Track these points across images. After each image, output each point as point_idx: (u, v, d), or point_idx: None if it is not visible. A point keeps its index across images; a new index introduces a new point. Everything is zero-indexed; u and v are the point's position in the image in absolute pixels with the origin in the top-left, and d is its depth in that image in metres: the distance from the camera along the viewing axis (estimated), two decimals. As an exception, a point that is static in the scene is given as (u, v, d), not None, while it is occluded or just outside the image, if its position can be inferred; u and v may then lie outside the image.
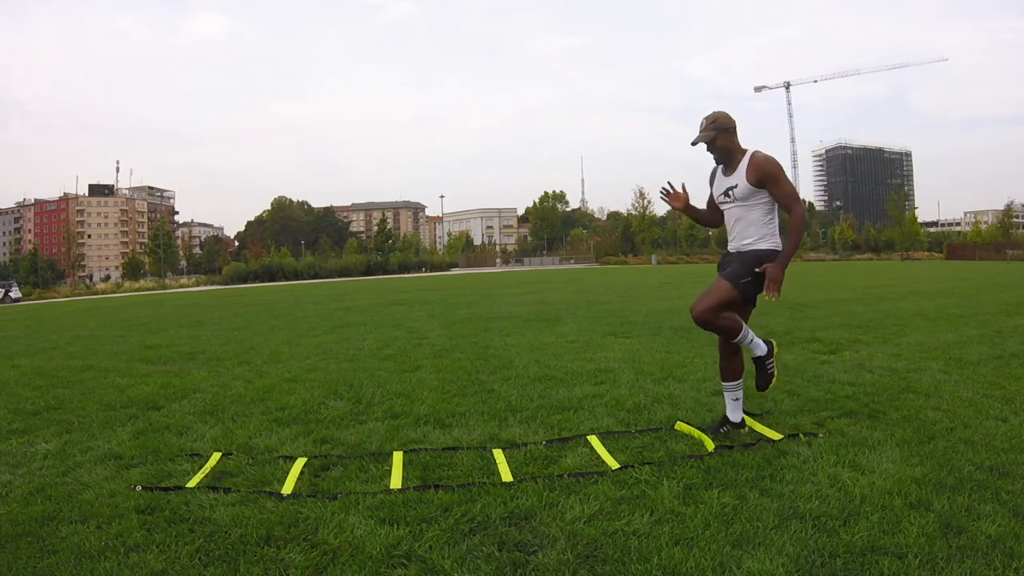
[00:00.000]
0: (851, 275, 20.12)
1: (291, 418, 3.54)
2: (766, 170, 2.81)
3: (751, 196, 2.87)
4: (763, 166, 2.82)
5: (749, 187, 2.85)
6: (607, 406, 3.55)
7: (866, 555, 1.80)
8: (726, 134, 2.89)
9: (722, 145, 2.91)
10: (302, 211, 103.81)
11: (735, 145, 2.92)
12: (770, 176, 2.81)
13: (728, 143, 2.90)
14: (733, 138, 2.91)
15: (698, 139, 2.93)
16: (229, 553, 1.94)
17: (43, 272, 61.58)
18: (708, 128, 2.90)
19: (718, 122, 2.89)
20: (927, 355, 4.85)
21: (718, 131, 2.88)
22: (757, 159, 2.84)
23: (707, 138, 2.91)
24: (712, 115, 2.92)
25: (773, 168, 2.81)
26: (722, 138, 2.89)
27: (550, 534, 2.01)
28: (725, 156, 2.94)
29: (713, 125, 2.89)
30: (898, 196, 71.94)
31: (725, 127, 2.88)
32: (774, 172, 2.81)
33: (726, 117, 2.92)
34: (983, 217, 78.05)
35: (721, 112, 2.93)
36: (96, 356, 6.56)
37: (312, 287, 26.71)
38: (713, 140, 2.90)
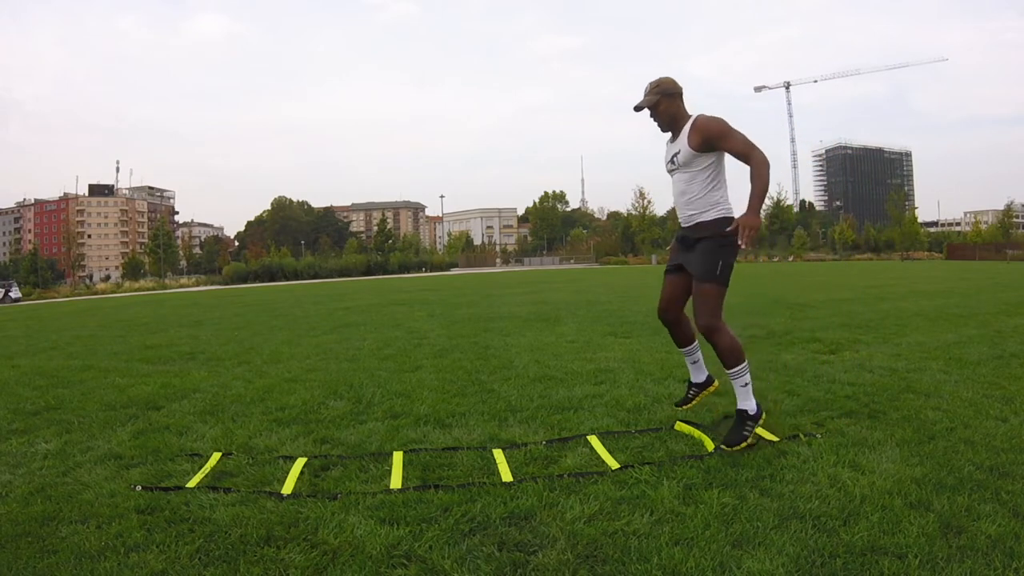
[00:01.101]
0: (851, 275, 20.11)
1: (291, 418, 3.54)
2: (710, 129, 2.64)
3: (693, 161, 2.70)
4: (706, 125, 2.65)
5: (691, 152, 2.69)
6: (607, 406, 3.55)
7: (866, 555, 1.80)
8: (670, 99, 2.73)
9: (665, 110, 2.74)
10: (302, 211, 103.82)
11: (680, 111, 2.76)
12: (715, 134, 2.64)
13: (672, 108, 2.74)
14: (678, 104, 2.75)
15: (641, 103, 2.77)
16: (229, 553, 1.94)
17: (43, 272, 61.59)
18: (651, 92, 2.74)
19: (661, 86, 2.73)
20: (927, 355, 4.85)
21: (661, 95, 2.72)
22: (699, 121, 2.68)
23: (650, 103, 2.74)
24: (656, 80, 2.76)
25: (717, 125, 2.64)
26: (665, 103, 2.73)
27: (550, 534, 2.01)
28: (669, 123, 2.78)
29: (657, 89, 2.73)
30: (898, 196, 71.87)
31: (669, 91, 2.73)
32: (719, 128, 2.64)
33: (670, 82, 2.76)
34: (983, 217, 78.04)
35: (666, 77, 2.77)
36: (96, 356, 6.56)
37: (312, 287, 26.71)
38: (656, 105, 2.74)
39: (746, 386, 2.64)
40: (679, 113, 2.76)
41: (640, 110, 2.79)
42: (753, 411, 2.64)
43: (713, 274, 2.68)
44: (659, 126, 2.82)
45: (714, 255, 2.68)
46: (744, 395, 2.65)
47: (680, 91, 2.75)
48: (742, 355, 2.66)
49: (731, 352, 2.65)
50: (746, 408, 2.65)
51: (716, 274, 2.68)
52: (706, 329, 2.69)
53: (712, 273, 2.68)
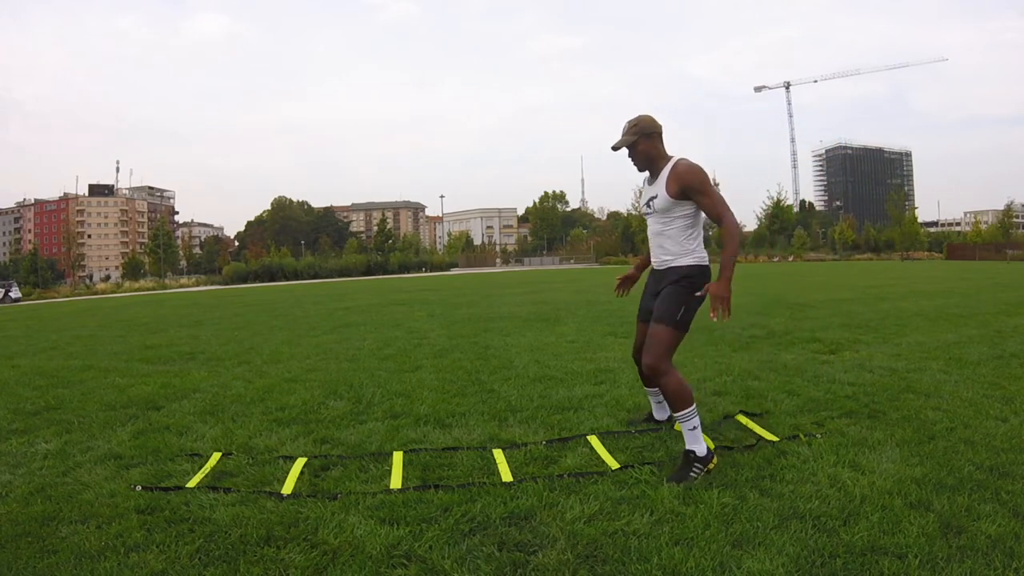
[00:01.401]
0: (851, 275, 20.11)
1: (291, 418, 3.54)
2: (689, 180, 2.59)
3: (671, 209, 2.66)
4: (685, 176, 2.60)
5: (668, 199, 2.63)
6: (607, 406, 3.55)
7: (866, 555, 1.81)
8: (648, 139, 2.68)
9: (643, 151, 2.69)
10: (302, 211, 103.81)
11: (658, 152, 2.70)
12: (693, 186, 2.59)
13: (650, 149, 2.69)
14: (657, 144, 2.70)
15: (619, 143, 2.72)
16: (229, 553, 1.95)
17: (43, 272, 61.57)
18: (630, 132, 2.69)
19: (640, 125, 2.68)
20: (927, 355, 4.85)
21: (640, 135, 2.67)
22: (679, 168, 2.63)
23: (628, 142, 2.69)
24: (635, 118, 2.72)
25: (697, 177, 2.59)
26: (644, 143, 2.68)
27: (550, 534, 2.01)
28: (646, 163, 2.72)
29: (635, 129, 2.68)
30: (898, 196, 71.82)
31: (648, 131, 2.68)
32: (698, 182, 2.59)
33: (649, 120, 2.71)
34: (983, 217, 78.03)
35: (645, 115, 2.73)
36: (96, 356, 6.56)
37: (312, 287, 26.71)
38: (634, 145, 2.69)
39: (694, 430, 2.53)
40: (657, 153, 2.70)
41: (617, 149, 2.74)
42: (702, 453, 2.51)
43: (673, 318, 2.62)
44: (636, 166, 2.76)
45: (678, 300, 2.63)
46: (692, 439, 2.52)
47: (659, 130, 2.71)
48: (690, 399, 2.55)
49: (678, 396, 2.54)
50: (694, 449, 2.52)
51: (676, 319, 2.62)
52: (652, 369, 2.60)
53: (672, 317, 2.62)
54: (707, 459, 2.49)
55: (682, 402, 2.53)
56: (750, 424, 3.08)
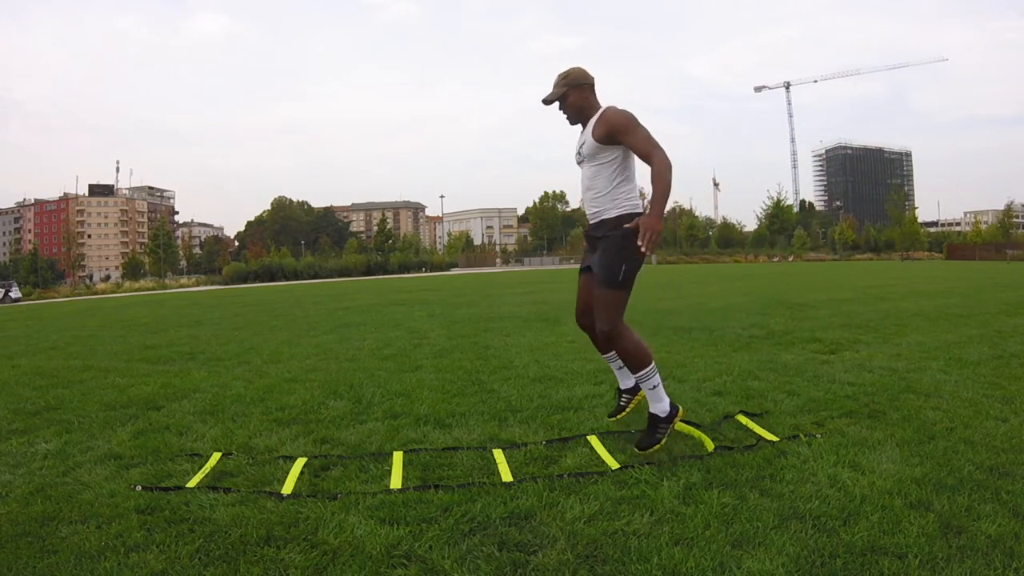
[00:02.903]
0: (851, 275, 20.11)
1: (291, 418, 3.54)
2: (614, 122, 2.51)
3: (598, 154, 2.58)
4: (611, 118, 2.52)
5: (595, 144, 2.56)
6: (607, 406, 3.54)
7: (866, 555, 1.80)
8: (579, 90, 2.60)
9: (574, 102, 2.62)
10: (302, 211, 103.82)
11: (589, 103, 2.62)
12: (618, 127, 2.50)
13: (581, 100, 2.61)
14: (587, 95, 2.62)
15: (548, 96, 2.64)
16: (229, 553, 1.94)
17: (43, 272, 61.57)
18: (559, 84, 2.61)
19: (570, 77, 2.61)
20: (927, 355, 4.85)
21: (569, 87, 2.60)
22: (607, 112, 2.56)
23: (557, 95, 2.62)
24: (565, 71, 2.64)
25: (622, 118, 2.50)
26: (574, 95, 2.60)
27: (550, 534, 2.01)
28: (579, 115, 2.66)
29: (565, 81, 2.61)
30: (898, 196, 71.88)
31: (577, 82, 2.60)
32: (623, 122, 2.50)
33: (580, 72, 2.63)
34: (983, 217, 78.05)
35: (576, 67, 2.65)
36: (96, 356, 6.55)
37: (312, 287, 26.70)
38: (564, 97, 2.61)
39: (655, 388, 2.51)
40: (588, 104, 2.63)
41: (549, 103, 2.66)
42: (664, 413, 2.51)
43: (615, 279, 2.55)
44: (568, 119, 2.69)
45: (616, 258, 2.55)
46: (654, 397, 2.52)
47: (590, 82, 2.63)
48: (648, 357, 2.53)
49: (634, 356, 2.52)
50: (656, 412, 2.52)
51: (618, 280, 2.55)
52: (606, 335, 2.57)
53: (614, 278, 2.55)
54: (670, 417, 2.51)
55: (639, 362, 2.51)
56: (750, 424, 3.07)
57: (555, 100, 2.65)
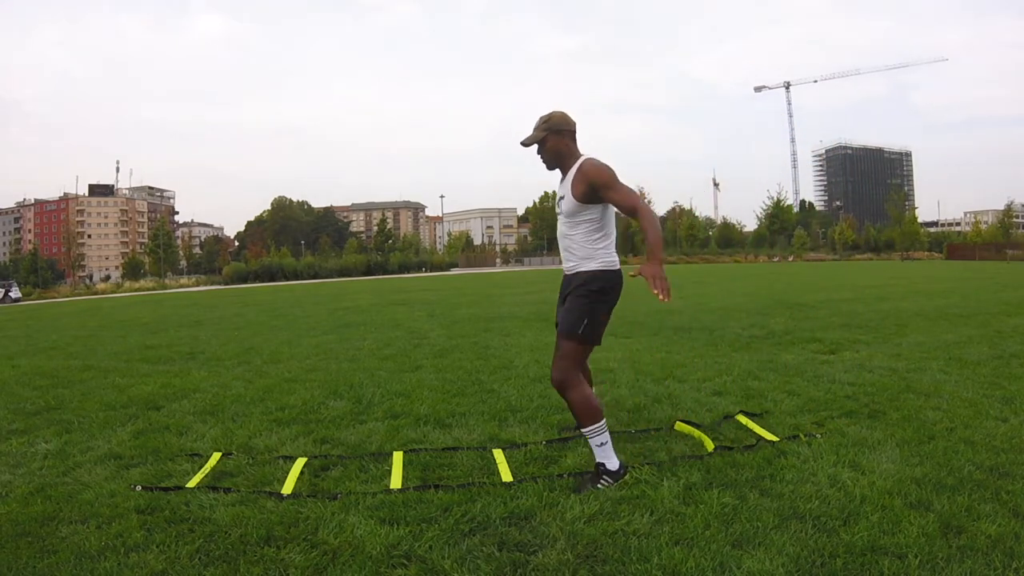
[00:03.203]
0: (851, 275, 20.11)
1: (291, 418, 3.54)
2: (594, 179, 2.47)
3: (577, 212, 2.54)
4: (591, 173, 2.48)
5: (574, 202, 2.52)
6: (607, 406, 3.54)
7: (866, 555, 1.80)
8: (558, 136, 2.57)
9: (552, 148, 2.58)
10: (302, 211, 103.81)
11: (568, 150, 2.59)
12: (600, 184, 2.46)
13: (560, 146, 2.58)
14: (567, 142, 2.58)
15: (527, 139, 2.62)
16: (229, 553, 1.94)
17: (43, 272, 61.56)
18: (539, 128, 2.58)
19: (551, 122, 2.57)
20: (927, 355, 4.85)
21: (549, 132, 2.56)
22: (585, 166, 2.51)
23: (536, 139, 2.58)
24: (547, 114, 2.60)
25: (604, 174, 2.46)
26: (553, 140, 2.57)
27: (550, 534, 2.01)
28: (556, 161, 2.61)
29: (545, 125, 2.57)
30: (898, 196, 71.84)
31: (558, 128, 2.57)
32: (605, 178, 2.46)
33: (561, 117, 2.60)
34: (983, 217, 78.04)
35: (558, 111, 2.62)
36: (96, 356, 6.55)
37: (312, 287, 26.70)
38: (543, 141, 2.58)
39: (603, 445, 2.43)
40: (567, 152, 2.59)
41: (527, 146, 2.63)
42: (615, 468, 2.42)
43: (575, 331, 2.52)
44: (544, 163, 2.65)
45: (581, 311, 2.52)
46: (602, 454, 2.43)
47: (570, 128, 2.60)
48: (598, 415, 2.46)
49: (584, 411, 2.45)
50: (604, 463, 2.43)
51: (578, 332, 2.51)
52: (558, 384, 2.51)
53: (574, 329, 2.52)
54: (618, 474, 2.41)
55: (588, 418, 2.44)
56: (750, 424, 3.07)
57: (534, 143, 2.62)
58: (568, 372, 2.49)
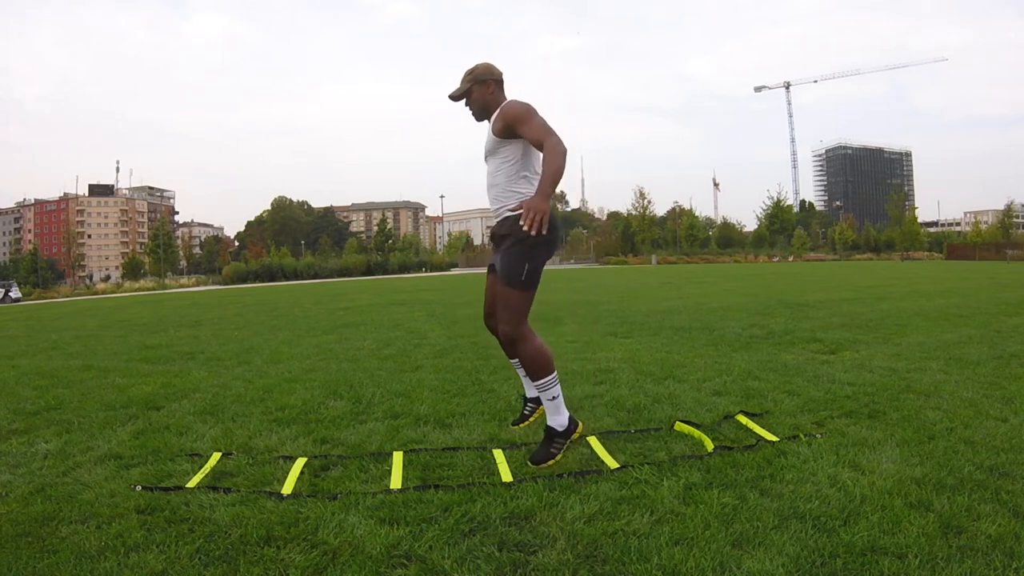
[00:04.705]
0: (851, 275, 20.11)
1: (291, 418, 3.53)
2: (510, 113, 2.42)
3: (497, 149, 2.50)
4: (507, 110, 2.44)
5: (494, 138, 2.49)
6: (607, 406, 3.54)
7: (866, 555, 1.80)
8: (483, 86, 2.53)
9: (479, 98, 2.54)
10: (302, 211, 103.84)
11: (495, 100, 2.53)
12: (513, 118, 2.40)
13: (486, 96, 2.53)
14: (493, 91, 2.54)
15: (453, 93, 2.58)
16: (229, 553, 1.94)
17: (43, 272, 61.58)
18: (464, 80, 2.55)
19: (475, 73, 2.53)
20: (927, 355, 4.85)
21: (474, 83, 2.53)
22: (505, 106, 2.47)
23: (462, 91, 2.54)
24: (472, 67, 2.56)
25: (517, 109, 2.41)
26: (478, 91, 2.53)
27: (550, 534, 2.01)
28: (484, 112, 2.57)
29: (470, 77, 2.54)
30: (898, 196, 71.89)
31: (482, 78, 2.53)
32: (518, 112, 2.40)
33: (486, 67, 2.55)
34: (983, 217, 78.09)
35: (482, 63, 2.57)
36: (96, 356, 6.55)
37: (312, 287, 26.70)
38: (468, 93, 2.54)
39: (554, 399, 2.40)
40: (494, 101, 2.54)
41: (455, 99, 2.59)
42: (562, 427, 2.40)
43: (517, 278, 2.42)
44: (474, 115, 2.61)
45: (519, 257, 2.44)
46: (553, 409, 2.40)
47: (496, 77, 2.55)
48: (550, 366, 2.41)
49: (535, 362, 2.40)
50: (554, 425, 2.41)
51: (521, 279, 2.43)
52: (507, 336, 2.45)
53: (516, 277, 2.42)
54: (568, 432, 2.40)
55: (541, 369, 2.39)
56: (750, 424, 3.07)
57: (461, 96, 2.58)
58: (516, 323, 2.42)
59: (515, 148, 2.48)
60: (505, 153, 2.49)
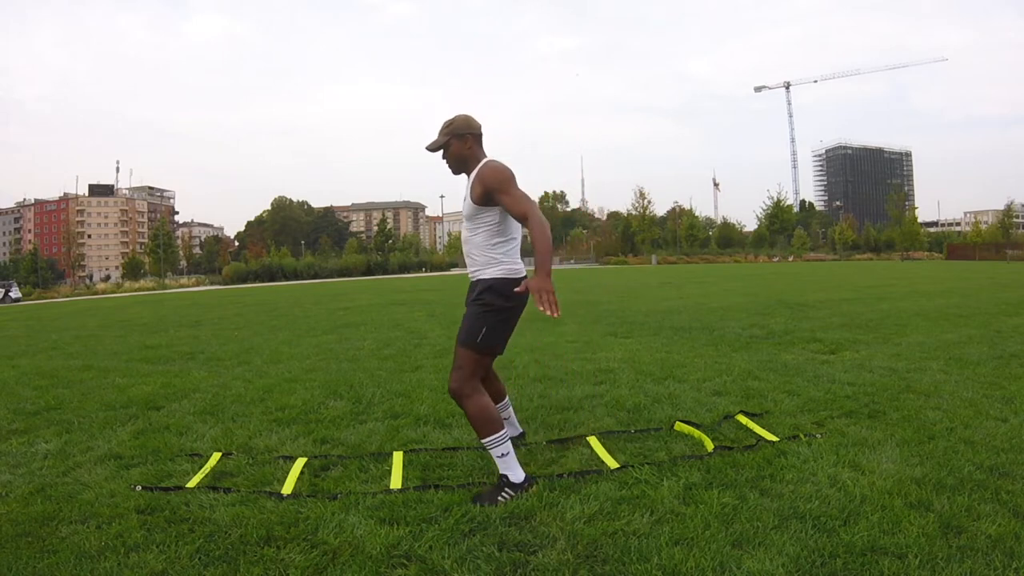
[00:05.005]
0: (851, 275, 20.11)
1: (291, 418, 3.54)
2: (489, 180, 2.39)
3: (475, 215, 2.47)
4: (487, 176, 2.40)
5: (471, 204, 2.46)
6: (607, 406, 3.55)
7: (866, 555, 1.80)
8: (460, 140, 2.50)
9: (455, 153, 2.51)
10: (302, 211, 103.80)
11: (472, 155, 2.51)
12: (494, 186, 2.38)
13: (463, 151, 2.50)
14: (470, 146, 2.51)
15: (431, 145, 2.57)
16: (229, 553, 1.94)
17: (43, 272, 61.55)
18: (442, 132, 2.53)
19: (453, 126, 2.51)
20: (927, 355, 4.85)
21: (452, 136, 2.50)
22: (483, 170, 2.44)
23: (440, 144, 2.52)
24: (451, 118, 2.55)
25: (498, 176, 2.39)
26: (456, 145, 2.50)
27: (550, 534, 2.01)
28: (460, 166, 2.55)
29: (447, 130, 2.52)
30: (898, 196, 71.88)
31: (459, 132, 2.50)
32: (499, 180, 2.38)
33: (464, 121, 2.53)
34: (983, 217, 78.10)
35: (462, 115, 2.55)
36: (96, 356, 6.55)
37: (312, 287, 26.70)
38: (446, 147, 2.52)
39: (504, 456, 2.36)
40: (471, 156, 2.52)
41: (431, 151, 2.58)
42: (519, 480, 2.34)
43: (473, 339, 2.44)
44: (450, 169, 2.59)
45: (480, 319, 2.46)
46: (504, 465, 2.36)
47: (474, 132, 2.53)
48: (495, 426, 2.37)
49: (480, 422, 2.38)
50: (507, 475, 2.36)
51: (476, 340, 2.44)
52: (454, 394, 2.45)
53: (472, 338, 2.44)
54: (521, 487, 2.33)
55: (485, 429, 2.38)
56: (750, 424, 3.07)
57: (437, 148, 2.56)
58: (464, 382, 2.43)
59: (493, 214, 2.47)
60: (484, 217, 2.47)
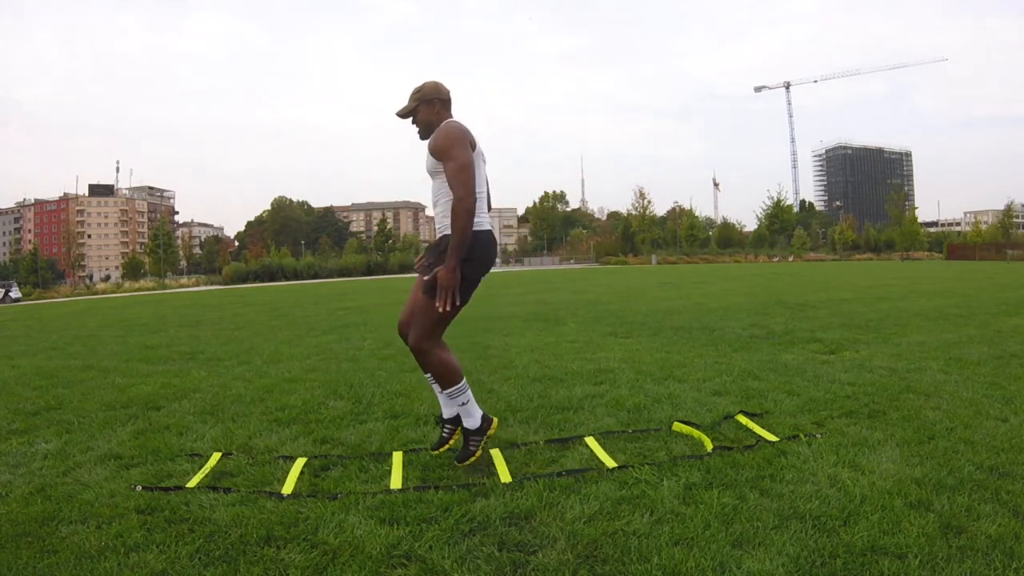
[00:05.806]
0: (851, 275, 20.11)
1: (291, 418, 3.54)
2: (436, 139, 2.41)
3: (434, 169, 2.47)
4: (437, 138, 2.41)
5: (430, 159, 2.47)
6: (607, 406, 3.55)
7: (866, 555, 1.80)
8: (428, 105, 2.51)
9: (424, 118, 2.53)
10: (302, 211, 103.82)
11: (440, 119, 2.52)
12: (438, 147, 2.39)
13: (431, 116, 2.51)
14: (438, 110, 2.52)
15: (400, 111, 2.57)
16: (229, 553, 1.94)
17: (43, 272, 61.60)
18: (411, 99, 2.54)
19: (422, 92, 2.52)
20: (927, 355, 4.85)
21: (420, 102, 2.52)
22: (438, 131, 2.46)
23: (408, 110, 2.53)
24: (419, 85, 2.55)
25: (444, 138, 2.39)
26: (424, 111, 2.51)
27: (550, 534, 2.01)
28: (428, 131, 2.55)
29: (416, 96, 2.52)
30: (898, 196, 71.86)
31: (427, 98, 2.51)
32: (444, 143, 2.38)
33: (432, 87, 2.54)
34: (983, 217, 78.11)
35: (431, 82, 2.55)
36: (96, 356, 6.55)
37: (312, 287, 26.70)
38: (415, 112, 2.53)
39: (465, 404, 2.46)
40: (438, 120, 2.52)
41: (402, 117, 2.59)
42: (475, 426, 2.46)
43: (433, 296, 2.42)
44: (419, 134, 2.59)
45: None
46: (466, 413, 2.45)
47: (442, 97, 2.54)
48: (456, 375, 2.44)
49: (441, 372, 2.43)
50: (468, 426, 2.47)
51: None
52: (415, 346, 2.47)
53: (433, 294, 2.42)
54: (483, 428, 2.48)
55: (447, 378, 2.46)
56: (750, 424, 3.07)
57: (407, 115, 2.57)
58: (426, 336, 2.47)
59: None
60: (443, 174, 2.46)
